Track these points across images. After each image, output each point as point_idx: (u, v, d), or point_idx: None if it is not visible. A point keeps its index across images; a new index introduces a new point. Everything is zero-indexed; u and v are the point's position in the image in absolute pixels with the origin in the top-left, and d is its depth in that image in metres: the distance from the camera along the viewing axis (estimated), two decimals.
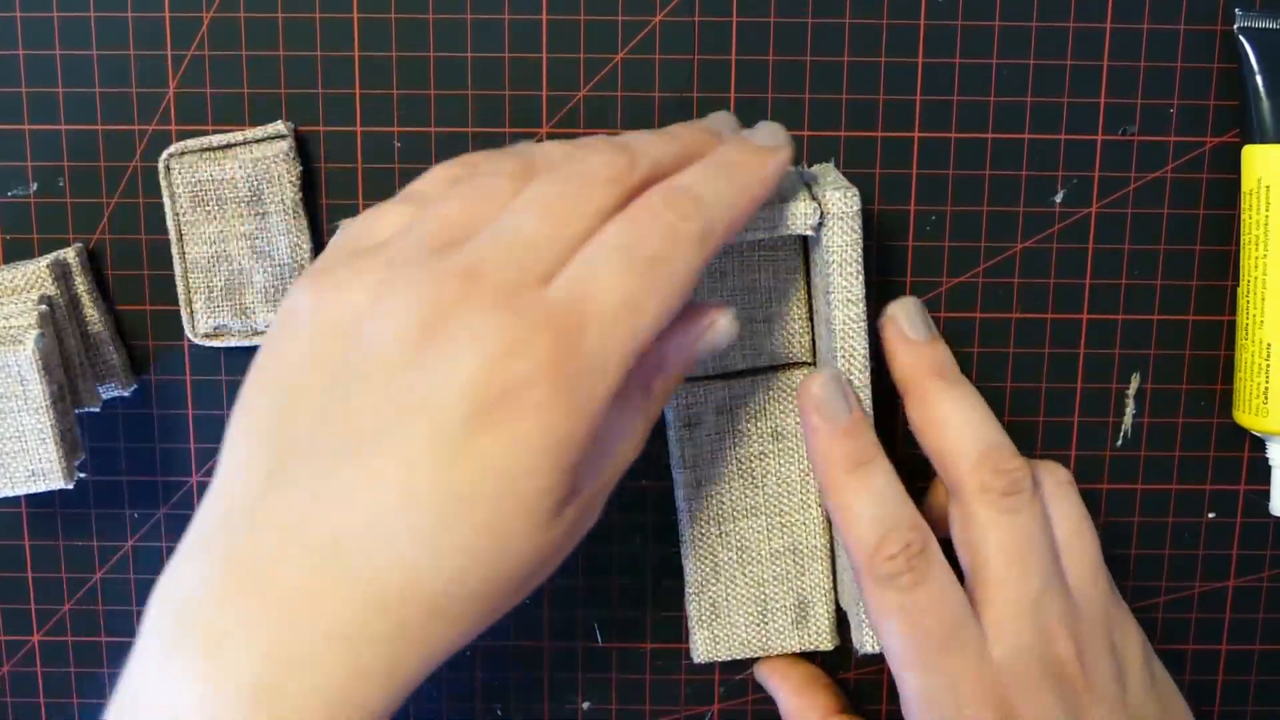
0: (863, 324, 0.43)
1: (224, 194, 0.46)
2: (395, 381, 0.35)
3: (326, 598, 0.34)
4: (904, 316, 0.45)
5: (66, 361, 0.45)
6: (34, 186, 0.47)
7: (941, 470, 0.43)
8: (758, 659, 0.49)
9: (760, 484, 0.47)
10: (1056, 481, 0.44)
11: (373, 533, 0.34)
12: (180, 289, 0.47)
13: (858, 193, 0.43)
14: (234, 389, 0.47)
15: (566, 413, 0.35)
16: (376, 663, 0.34)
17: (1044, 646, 0.42)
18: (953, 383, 0.44)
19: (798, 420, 0.47)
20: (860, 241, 0.43)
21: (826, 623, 0.48)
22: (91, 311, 0.46)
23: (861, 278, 0.43)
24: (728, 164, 0.39)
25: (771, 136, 0.41)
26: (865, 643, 0.45)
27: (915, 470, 0.49)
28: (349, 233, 0.39)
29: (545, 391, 0.34)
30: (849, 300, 0.43)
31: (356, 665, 0.34)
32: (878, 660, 0.50)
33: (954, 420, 0.43)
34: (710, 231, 0.37)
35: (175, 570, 0.36)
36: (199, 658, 0.34)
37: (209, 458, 0.49)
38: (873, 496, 0.42)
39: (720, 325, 0.40)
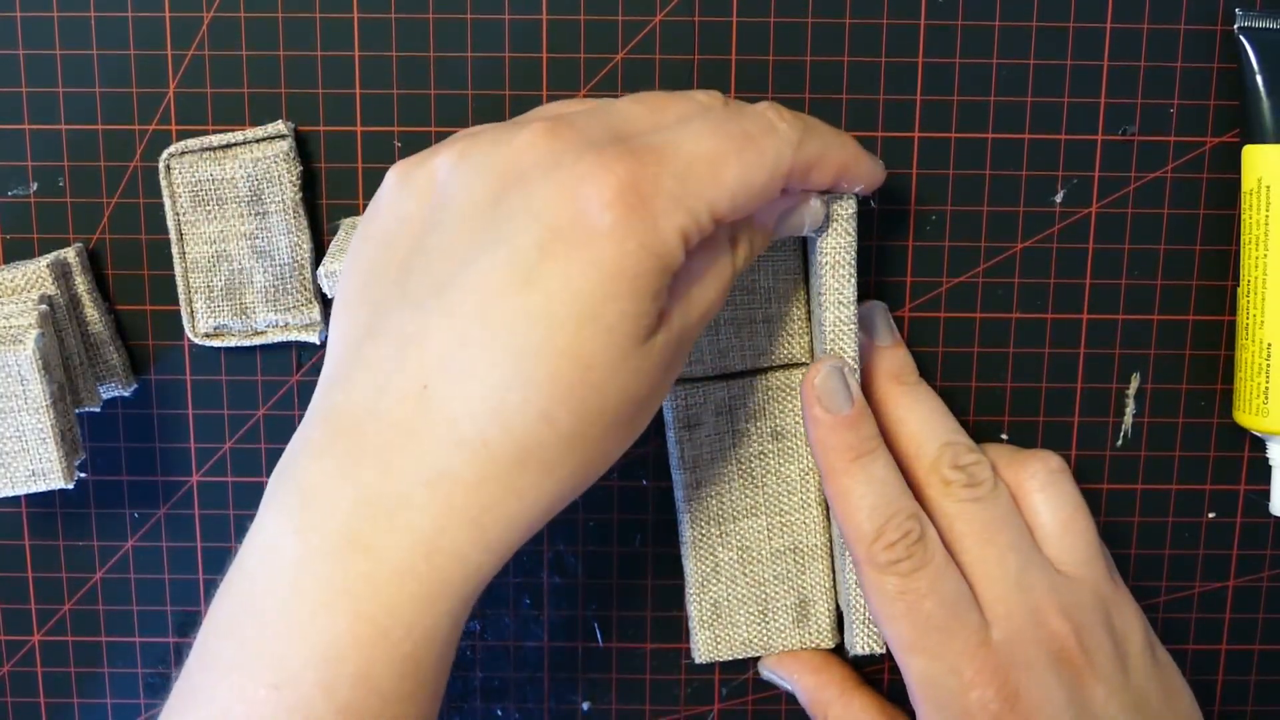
0: (853, 325, 0.43)
1: (224, 193, 0.46)
2: (474, 222, 0.35)
3: (416, 443, 0.35)
4: (868, 321, 0.46)
5: (67, 361, 0.45)
6: (34, 186, 0.47)
7: (905, 470, 0.44)
8: (759, 658, 0.49)
9: (760, 484, 0.47)
10: (1049, 470, 0.45)
11: (456, 368, 0.34)
12: (180, 288, 0.47)
13: (855, 196, 0.43)
14: (234, 389, 0.48)
15: (642, 240, 0.35)
16: (467, 508, 0.35)
17: (1037, 626, 0.42)
18: (910, 385, 0.45)
19: (797, 420, 0.47)
20: (854, 244, 0.43)
21: (827, 621, 0.48)
22: (91, 311, 0.46)
23: (854, 280, 0.43)
24: (841, 132, 0.42)
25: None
26: (855, 643, 0.45)
27: None
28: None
29: (620, 216, 0.35)
30: (840, 302, 0.43)
31: (447, 510, 0.35)
32: (876, 660, 0.50)
33: (911, 420, 0.45)
34: (804, 145, 0.39)
35: (292, 441, 0.37)
36: (295, 511, 0.35)
37: (209, 457, 0.49)
38: (872, 486, 0.42)
39: (813, 203, 0.41)
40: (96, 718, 0.51)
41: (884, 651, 0.45)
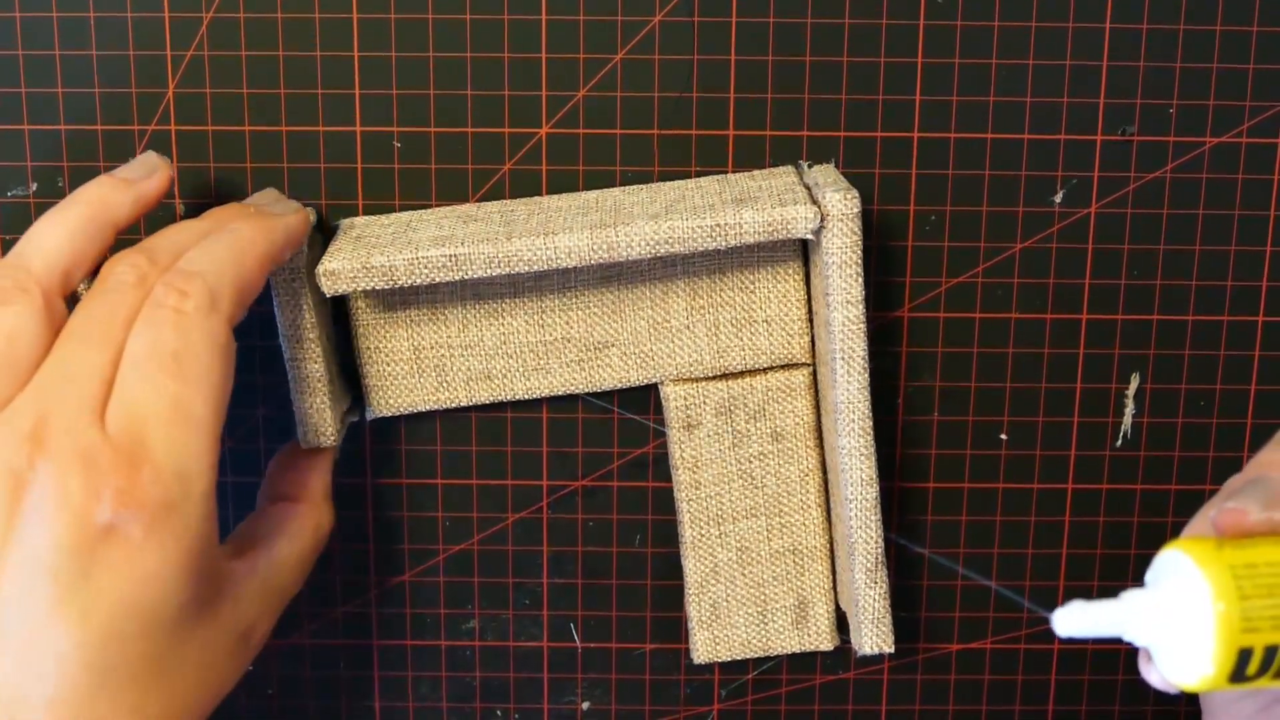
0: (862, 325, 0.43)
1: None
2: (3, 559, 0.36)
3: None
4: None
5: None
6: (34, 187, 0.47)
7: None
8: (755, 659, 0.49)
9: (760, 484, 0.47)
10: None
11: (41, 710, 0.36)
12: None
13: (858, 195, 0.43)
14: (236, 388, 0.48)
15: (174, 529, 0.37)
16: None
17: None
18: None
19: (797, 421, 0.47)
20: (860, 243, 0.43)
21: (826, 623, 0.48)
22: None
23: (861, 279, 0.43)
24: (229, 230, 0.41)
25: (279, 204, 0.45)
26: (864, 643, 0.45)
27: (915, 471, 0.49)
28: None
29: (142, 522, 0.36)
30: (848, 302, 0.43)
31: None
32: (877, 660, 0.50)
33: None
34: (217, 296, 0.39)
35: None
36: None
37: (240, 424, 0.49)
38: None
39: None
40: None
41: (892, 651, 0.45)
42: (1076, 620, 0.33)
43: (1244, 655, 0.33)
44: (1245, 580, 0.33)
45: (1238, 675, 0.33)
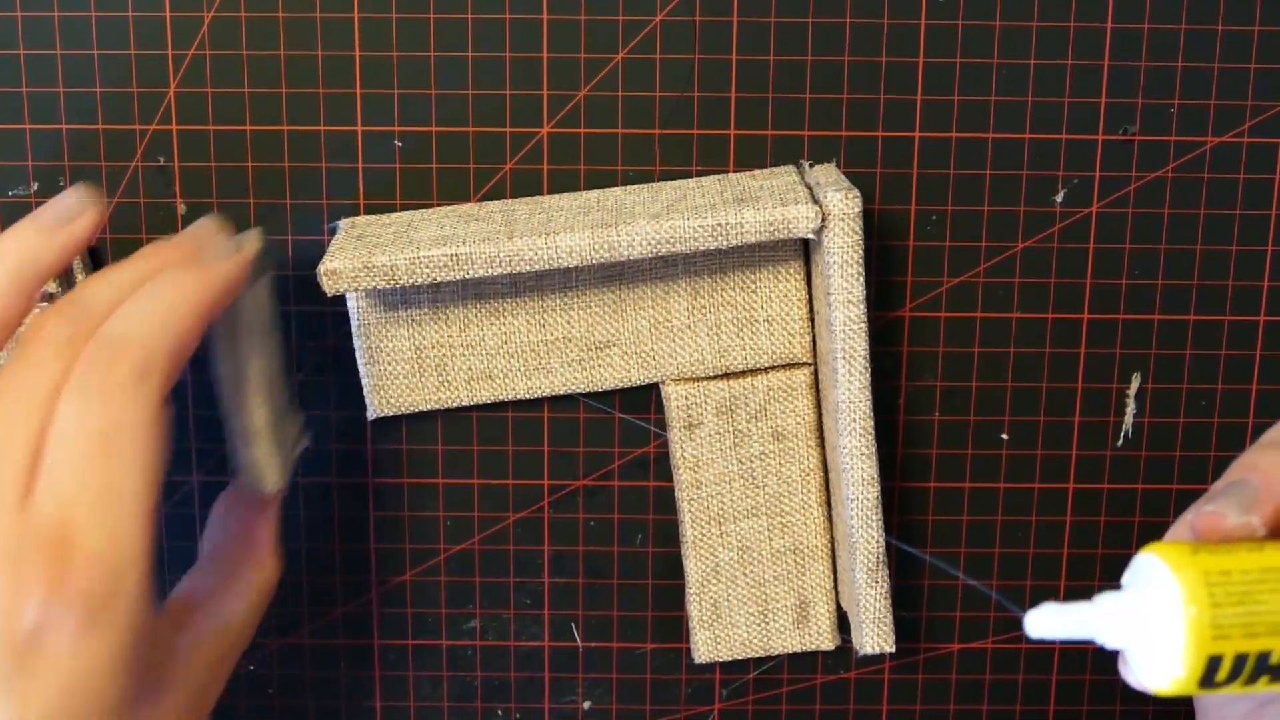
0: (863, 325, 0.43)
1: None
2: None
3: None
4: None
5: None
6: (35, 186, 0.47)
7: None
8: (756, 659, 0.49)
9: (761, 484, 0.47)
10: None
11: None
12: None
13: (859, 194, 0.43)
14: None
15: (108, 623, 0.35)
16: None
17: None
18: None
19: (798, 420, 0.47)
20: (861, 243, 0.43)
21: (827, 622, 0.48)
22: None
23: (862, 279, 0.43)
24: (165, 284, 0.38)
25: (218, 239, 0.41)
26: (865, 643, 0.45)
27: (916, 471, 0.49)
28: None
29: (74, 617, 0.34)
30: (850, 301, 0.43)
31: None
32: (878, 660, 0.50)
33: None
34: (149, 363, 0.36)
35: None
36: None
37: (210, 457, 0.49)
38: None
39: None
40: None
41: (893, 650, 0.45)
42: (1049, 622, 0.33)
43: (1213, 662, 0.32)
44: (1218, 587, 0.32)
45: (1207, 681, 0.33)
